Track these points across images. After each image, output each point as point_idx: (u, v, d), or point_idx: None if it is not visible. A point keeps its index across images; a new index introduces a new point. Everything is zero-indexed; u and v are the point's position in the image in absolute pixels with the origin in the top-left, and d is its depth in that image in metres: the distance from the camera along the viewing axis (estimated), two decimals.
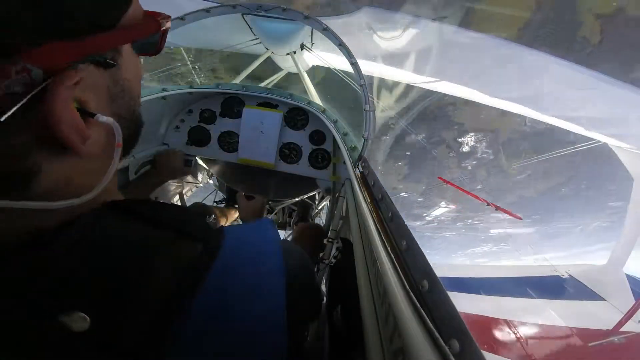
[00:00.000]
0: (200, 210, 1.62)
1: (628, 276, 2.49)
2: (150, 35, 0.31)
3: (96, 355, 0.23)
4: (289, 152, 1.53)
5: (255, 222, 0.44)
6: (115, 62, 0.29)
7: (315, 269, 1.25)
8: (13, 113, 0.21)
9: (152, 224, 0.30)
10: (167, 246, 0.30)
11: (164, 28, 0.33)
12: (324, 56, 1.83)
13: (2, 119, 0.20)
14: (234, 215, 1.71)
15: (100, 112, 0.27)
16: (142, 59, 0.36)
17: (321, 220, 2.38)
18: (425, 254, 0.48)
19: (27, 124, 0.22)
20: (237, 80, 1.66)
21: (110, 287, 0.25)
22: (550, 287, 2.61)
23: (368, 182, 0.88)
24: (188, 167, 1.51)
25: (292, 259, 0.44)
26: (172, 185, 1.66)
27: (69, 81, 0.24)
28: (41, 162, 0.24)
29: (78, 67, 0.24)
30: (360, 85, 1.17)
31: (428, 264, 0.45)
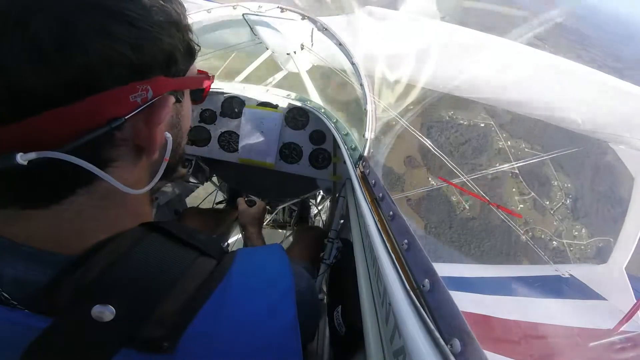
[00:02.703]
0: (200, 211, 1.62)
1: (628, 276, 2.48)
2: (202, 87, 0.42)
3: (119, 343, 0.27)
4: (289, 152, 1.53)
5: (266, 245, 0.47)
6: (181, 100, 0.39)
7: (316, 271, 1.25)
8: (126, 117, 0.30)
9: (182, 244, 0.36)
10: (191, 262, 0.35)
11: (211, 83, 0.43)
12: (324, 56, 1.83)
13: (127, 117, 0.29)
14: (234, 215, 1.71)
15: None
16: None
17: (321, 220, 2.37)
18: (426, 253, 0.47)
19: (130, 127, 0.31)
20: (238, 80, 1.66)
21: (142, 290, 0.30)
22: (551, 286, 2.60)
23: (369, 182, 0.88)
24: (186, 168, 1.51)
25: (301, 280, 0.46)
26: (172, 186, 1.66)
27: (168, 103, 0.34)
28: (123, 155, 0.32)
29: (169, 96, 0.34)
30: (361, 85, 1.17)
31: (429, 263, 0.45)
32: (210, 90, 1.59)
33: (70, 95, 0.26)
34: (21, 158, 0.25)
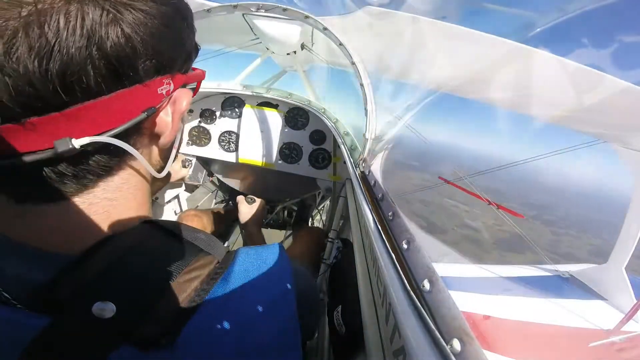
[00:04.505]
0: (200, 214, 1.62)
1: (629, 276, 2.49)
2: (200, 81, 0.44)
3: (118, 339, 0.28)
4: (289, 152, 1.53)
5: (266, 245, 0.48)
6: None
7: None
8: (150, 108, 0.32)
9: (183, 242, 0.37)
10: (192, 260, 0.35)
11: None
12: (324, 56, 1.83)
13: (157, 106, 0.33)
14: (234, 215, 1.71)
15: None
16: None
17: (321, 220, 2.37)
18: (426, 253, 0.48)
19: (154, 116, 0.34)
20: (237, 80, 1.66)
21: (143, 287, 0.30)
22: (551, 286, 2.61)
23: (369, 182, 0.88)
24: (186, 168, 1.52)
25: (301, 278, 0.46)
26: (172, 186, 1.66)
27: (187, 95, 0.38)
28: (144, 144, 0.35)
29: (187, 89, 0.39)
30: (361, 85, 1.17)
31: (429, 263, 0.45)
32: (210, 90, 1.59)
33: (113, 85, 0.28)
34: (75, 143, 0.27)
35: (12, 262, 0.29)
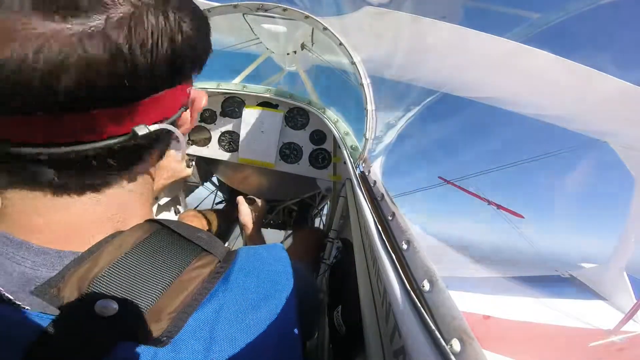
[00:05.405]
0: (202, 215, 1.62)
1: (628, 276, 2.49)
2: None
3: (119, 337, 0.28)
4: (289, 152, 1.53)
5: (267, 244, 0.47)
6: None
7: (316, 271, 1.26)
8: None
9: (185, 241, 0.37)
10: (193, 259, 0.36)
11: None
12: (324, 56, 1.83)
13: (178, 114, 0.36)
14: (234, 215, 1.72)
15: None
16: None
17: (321, 220, 2.37)
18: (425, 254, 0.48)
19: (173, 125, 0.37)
20: (237, 80, 1.66)
21: (144, 285, 0.31)
22: (551, 286, 2.61)
23: (369, 182, 0.88)
24: (190, 168, 1.51)
25: (301, 278, 0.46)
26: (173, 186, 1.66)
27: (203, 94, 0.42)
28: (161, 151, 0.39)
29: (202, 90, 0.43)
30: (361, 85, 1.17)
31: (429, 263, 0.45)
32: (210, 90, 1.59)
33: (172, 82, 0.33)
34: (151, 128, 0.31)
35: (13, 261, 0.29)
